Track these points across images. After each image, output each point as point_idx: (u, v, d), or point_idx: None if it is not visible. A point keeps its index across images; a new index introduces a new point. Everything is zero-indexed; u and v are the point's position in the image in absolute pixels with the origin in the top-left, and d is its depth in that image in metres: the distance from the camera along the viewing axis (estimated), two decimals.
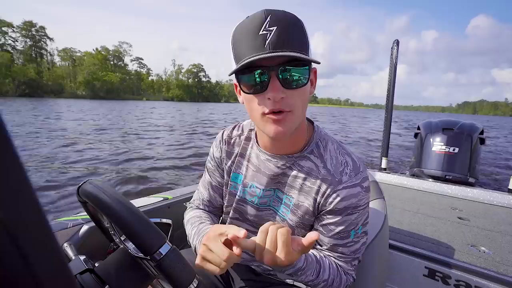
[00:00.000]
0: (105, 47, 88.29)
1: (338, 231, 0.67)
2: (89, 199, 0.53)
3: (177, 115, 24.61)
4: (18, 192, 0.15)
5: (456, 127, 2.93)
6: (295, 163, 0.70)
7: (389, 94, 2.93)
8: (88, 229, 0.99)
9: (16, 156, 0.15)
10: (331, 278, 0.67)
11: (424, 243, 1.45)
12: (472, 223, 1.77)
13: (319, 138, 0.72)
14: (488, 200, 2.17)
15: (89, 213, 0.63)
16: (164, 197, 1.34)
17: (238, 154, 0.79)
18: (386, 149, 3.02)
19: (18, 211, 0.15)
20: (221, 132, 0.84)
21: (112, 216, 0.48)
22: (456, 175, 2.80)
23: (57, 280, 0.17)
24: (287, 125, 0.59)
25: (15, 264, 0.14)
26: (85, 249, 0.95)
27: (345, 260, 0.71)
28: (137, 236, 0.47)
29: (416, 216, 1.83)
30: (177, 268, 0.47)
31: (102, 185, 0.53)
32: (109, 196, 0.50)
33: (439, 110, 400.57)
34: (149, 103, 65.79)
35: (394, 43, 2.82)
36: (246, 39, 0.56)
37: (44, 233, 0.16)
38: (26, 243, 0.15)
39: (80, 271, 0.51)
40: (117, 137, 9.70)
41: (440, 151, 2.88)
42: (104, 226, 0.64)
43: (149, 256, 0.46)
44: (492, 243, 1.49)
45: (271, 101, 0.56)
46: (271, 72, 0.56)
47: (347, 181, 0.66)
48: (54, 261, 0.17)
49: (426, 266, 1.29)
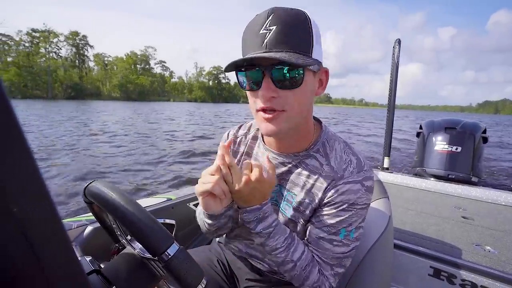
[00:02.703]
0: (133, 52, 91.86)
1: (328, 224, 0.63)
2: (96, 199, 0.51)
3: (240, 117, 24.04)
4: (32, 189, 0.14)
5: (458, 126, 2.78)
6: (301, 161, 0.68)
7: (391, 94, 2.83)
8: (93, 230, 0.96)
9: (29, 153, 0.14)
10: (301, 263, 0.63)
11: (429, 242, 1.39)
12: (477, 222, 1.69)
13: (326, 137, 0.69)
14: (492, 199, 2.05)
15: (95, 213, 0.61)
16: (168, 198, 1.31)
17: (244, 153, 0.77)
18: (388, 148, 2.92)
19: (31, 207, 0.14)
20: (227, 132, 0.83)
21: (120, 217, 0.46)
22: (459, 174, 2.66)
23: (70, 278, 0.17)
24: (278, 124, 0.58)
25: (28, 261, 0.14)
26: (90, 250, 0.92)
27: (325, 260, 0.65)
28: (145, 236, 0.44)
29: (420, 215, 1.76)
30: (185, 269, 0.45)
31: (109, 185, 0.51)
32: (116, 196, 0.48)
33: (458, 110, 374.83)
34: (179, 104, 67.19)
35: (396, 42, 2.71)
36: (249, 37, 0.55)
37: (56, 230, 0.16)
38: (39, 240, 0.14)
39: (87, 272, 0.49)
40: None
41: (443, 150, 2.75)
42: (109, 227, 0.62)
43: (157, 256, 0.44)
44: (497, 242, 1.42)
45: (263, 99, 0.56)
46: (264, 71, 0.55)
47: (348, 176, 0.63)
48: (66, 258, 0.17)
49: (431, 265, 1.24)
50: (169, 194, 1.36)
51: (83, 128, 11.44)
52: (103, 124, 13.13)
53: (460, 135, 2.72)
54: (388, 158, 2.89)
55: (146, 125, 13.91)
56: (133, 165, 5.70)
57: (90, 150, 7.02)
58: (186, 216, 1.27)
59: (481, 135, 2.73)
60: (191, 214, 1.31)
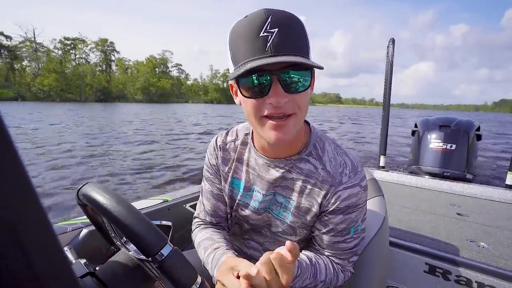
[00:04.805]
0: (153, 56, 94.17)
1: (339, 229, 0.63)
2: (89, 201, 0.49)
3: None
4: (21, 193, 0.14)
5: (453, 124, 2.71)
6: (294, 166, 0.65)
7: (386, 93, 2.78)
8: (88, 232, 0.93)
9: (17, 158, 0.14)
10: (329, 278, 0.64)
11: (424, 239, 1.36)
12: (471, 218, 1.65)
13: (316, 139, 0.67)
14: (486, 196, 2.00)
15: (89, 216, 0.58)
16: (164, 199, 1.27)
17: (235, 160, 0.72)
18: (384, 147, 2.86)
19: (21, 211, 0.14)
20: (214, 139, 0.77)
21: (113, 218, 0.45)
22: (453, 171, 2.59)
23: (61, 283, 0.16)
24: (289, 129, 0.54)
25: (19, 265, 0.14)
26: (85, 252, 0.89)
27: (343, 257, 0.66)
28: (138, 237, 0.43)
29: (415, 213, 1.73)
30: (179, 269, 0.43)
31: (102, 187, 0.50)
32: (109, 197, 0.47)
33: (472, 109, 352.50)
34: (198, 105, 67.81)
35: (390, 41, 2.64)
36: (246, 41, 0.49)
37: (47, 234, 0.15)
38: (29, 244, 0.14)
39: (81, 275, 0.48)
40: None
41: (438, 148, 2.68)
42: (104, 229, 0.59)
43: (151, 257, 0.43)
44: (491, 238, 1.39)
45: (272, 105, 0.51)
46: (273, 76, 0.50)
47: (347, 181, 0.61)
48: (57, 262, 0.16)
49: (427, 262, 1.22)
50: (166, 196, 1.33)
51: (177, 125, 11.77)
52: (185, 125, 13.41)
53: (455, 133, 2.64)
54: (384, 157, 2.84)
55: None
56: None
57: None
58: (182, 218, 1.25)
59: (475, 132, 2.65)
60: (188, 215, 1.28)
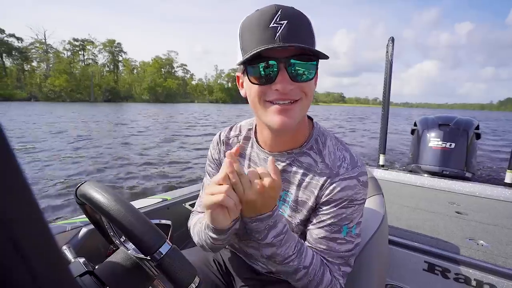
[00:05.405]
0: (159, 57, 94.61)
1: (330, 222, 0.60)
2: (87, 200, 0.49)
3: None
4: (17, 193, 0.14)
5: (452, 123, 2.68)
6: (295, 159, 0.65)
7: (385, 92, 2.78)
8: (87, 231, 0.93)
9: (13, 157, 0.14)
10: (313, 268, 0.58)
11: (423, 238, 1.35)
12: (470, 217, 1.64)
13: (318, 134, 0.67)
14: (485, 194, 1.99)
15: (88, 215, 0.58)
16: (163, 198, 1.26)
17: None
18: (383, 146, 2.85)
19: (16, 210, 0.14)
20: (218, 134, 0.78)
21: (111, 217, 0.45)
22: (453, 170, 2.56)
23: (58, 282, 0.16)
24: (294, 114, 0.55)
25: (15, 266, 0.13)
26: (84, 251, 0.89)
27: (332, 261, 0.62)
28: (137, 236, 0.43)
29: (415, 211, 1.73)
30: (177, 267, 0.43)
31: (100, 186, 0.49)
32: (107, 196, 0.46)
33: (478, 108, 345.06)
34: (203, 105, 67.70)
35: (390, 40, 2.63)
36: (256, 31, 0.52)
37: (43, 234, 0.15)
38: (25, 244, 0.14)
39: (80, 274, 0.48)
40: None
41: (437, 147, 2.66)
42: (103, 228, 0.59)
43: (149, 256, 0.43)
44: (490, 237, 1.39)
45: (279, 91, 0.53)
46: (280, 64, 0.52)
47: (344, 173, 0.61)
48: (54, 262, 0.16)
49: (426, 260, 1.21)
50: (165, 195, 1.32)
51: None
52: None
53: (454, 132, 2.62)
54: (384, 156, 2.83)
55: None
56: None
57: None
58: (182, 217, 1.23)
59: (474, 131, 2.62)
60: (187, 214, 1.28)
